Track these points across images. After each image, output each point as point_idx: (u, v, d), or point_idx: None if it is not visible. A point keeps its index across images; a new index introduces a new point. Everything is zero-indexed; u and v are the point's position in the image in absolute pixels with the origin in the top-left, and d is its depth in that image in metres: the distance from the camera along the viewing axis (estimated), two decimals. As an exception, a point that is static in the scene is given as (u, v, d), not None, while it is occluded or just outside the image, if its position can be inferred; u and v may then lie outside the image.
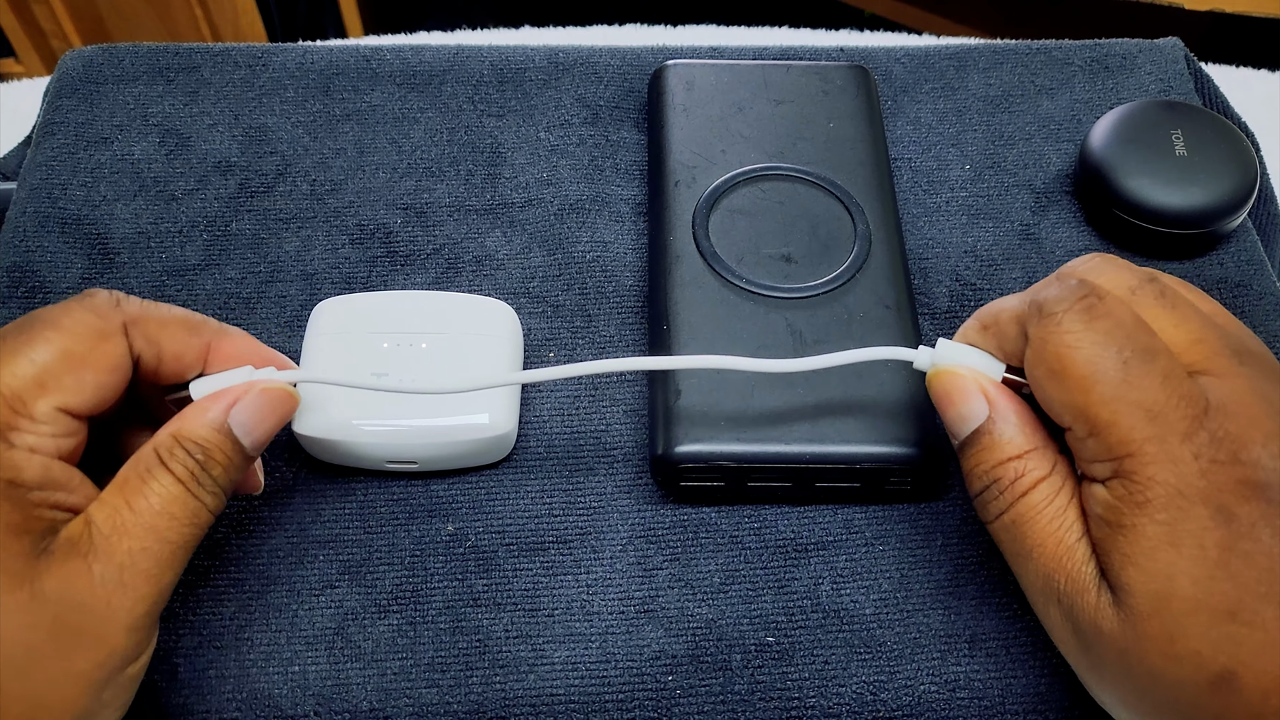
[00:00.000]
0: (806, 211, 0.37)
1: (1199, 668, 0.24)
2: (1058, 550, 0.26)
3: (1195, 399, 0.25)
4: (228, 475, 0.28)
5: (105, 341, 0.28)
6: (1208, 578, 0.24)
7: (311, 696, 0.31)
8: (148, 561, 0.26)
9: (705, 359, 0.31)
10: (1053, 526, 0.26)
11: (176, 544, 0.27)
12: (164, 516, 0.26)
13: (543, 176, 0.42)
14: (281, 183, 0.41)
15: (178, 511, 0.27)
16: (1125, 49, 0.46)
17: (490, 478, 0.35)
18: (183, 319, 0.30)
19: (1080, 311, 0.26)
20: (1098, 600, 0.25)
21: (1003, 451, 0.27)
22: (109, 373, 0.28)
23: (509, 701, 0.31)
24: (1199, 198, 0.39)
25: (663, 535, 0.33)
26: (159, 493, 0.27)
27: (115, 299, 0.29)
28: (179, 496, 0.27)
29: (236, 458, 0.28)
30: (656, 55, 0.46)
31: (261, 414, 0.29)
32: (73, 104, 0.43)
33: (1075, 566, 0.26)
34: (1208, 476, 0.24)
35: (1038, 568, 0.26)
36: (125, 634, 0.26)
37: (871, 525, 0.34)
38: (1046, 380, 0.26)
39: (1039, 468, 0.27)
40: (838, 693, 0.31)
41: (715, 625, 0.32)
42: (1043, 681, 0.31)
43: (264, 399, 0.29)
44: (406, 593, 0.32)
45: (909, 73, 0.45)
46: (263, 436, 0.29)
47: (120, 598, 0.25)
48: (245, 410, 0.29)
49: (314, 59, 0.45)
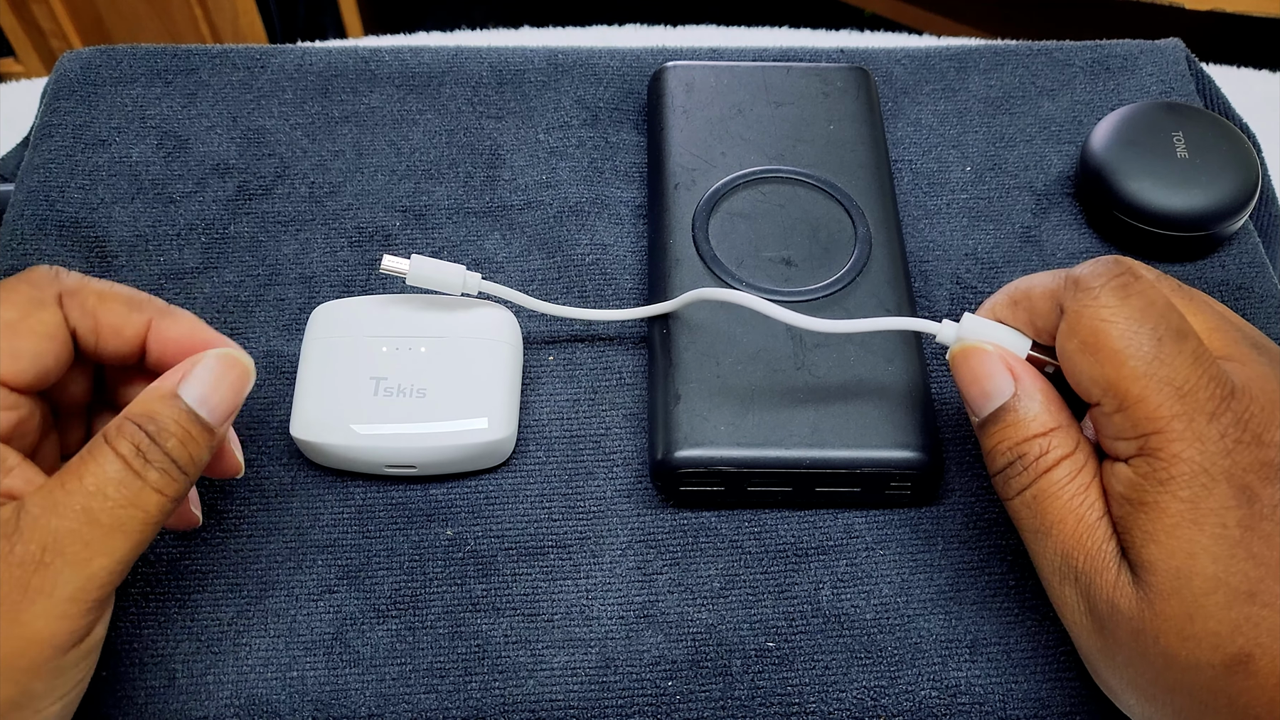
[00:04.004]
0: (807, 214, 0.37)
1: (1215, 648, 0.24)
2: (1078, 528, 0.26)
3: (1223, 381, 0.25)
4: (185, 450, 0.27)
5: (40, 310, 0.27)
6: (1228, 556, 0.24)
7: (310, 702, 0.30)
8: (74, 544, 0.25)
9: (735, 294, 0.32)
10: (1074, 504, 0.26)
11: (109, 526, 0.25)
12: (97, 497, 0.25)
13: (542, 179, 0.42)
14: (280, 185, 0.41)
15: (112, 492, 0.25)
16: (1126, 50, 0.46)
17: (489, 482, 0.34)
18: (125, 295, 0.29)
19: (1117, 288, 0.26)
20: (1117, 578, 0.25)
21: (1027, 428, 0.27)
22: (43, 340, 0.27)
23: (508, 707, 0.31)
24: (1200, 200, 0.38)
25: (662, 540, 0.33)
26: (95, 472, 0.26)
27: (55, 272, 0.29)
28: (116, 476, 0.26)
29: (194, 429, 0.27)
30: (656, 56, 0.45)
31: (215, 382, 0.28)
32: (70, 106, 0.43)
33: (1095, 544, 0.26)
34: (1232, 456, 0.24)
35: (1056, 545, 0.27)
36: (47, 619, 0.25)
37: (872, 530, 0.34)
38: (1078, 353, 0.26)
39: (1063, 446, 0.27)
40: (838, 698, 0.31)
41: (715, 630, 0.32)
42: (1044, 687, 0.31)
43: (215, 365, 0.28)
44: (405, 597, 0.32)
45: (909, 74, 0.45)
46: (221, 406, 0.28)
47: (40, 580, 0.24)
48: (197, 380, 0.27)
49: (312, 61, 0.45)
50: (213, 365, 0.28)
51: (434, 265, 0.34)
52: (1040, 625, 0.32)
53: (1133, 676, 0.26)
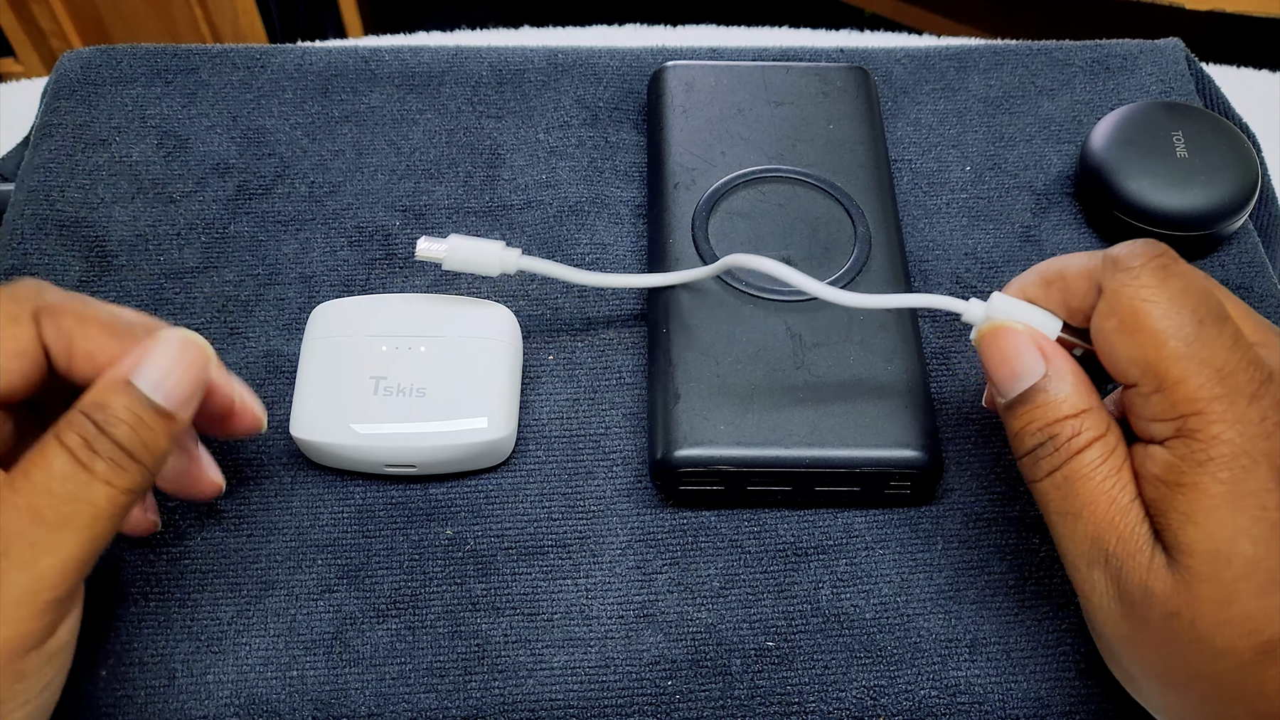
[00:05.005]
0: (806, 214, 0.37)
1: (1250, 633, 0.24)
2: (1110, 510, 0.26)
3: (1261, 365, 0.25)
4: (137, 436, 0.26)
5: (13, 325, 0.27)
6: (1267, 540, 0.24)
7: (309, 701, 0.30)
8: (19, 544, 0.24)
9: (771, 264, 0.32)
10: (1105, 486, 0.26)
11: (55, 523, 0.24)
12: (43, 494, 0.24)
13: (542, 178, 0.42)
14: (280, 185, 0.41)
15: (57, 487, 0.25)
16: (1126, 49, 0.46)
17: (489, 481, 0.34)
18: (106, 320, 0.28)
19: (1157, 268, 0.26)
20: (1151, 561, 0.25)
21: (1058, 410, 0.27)
22: (13, 357, 0.27)
23: (507, 706, 0.31)
24: (1200, 199, 0.38)
25: (662, 539, 0.33)
26: (41, 467, 0.25)
27: (39, 287, 0.28)
28: (62, 470, 0.25)
29: (147, 415, 0.26)
30: (656, 56, 0.45)
31: (170, 365, 0.27)
32: (70, 105, 0.43)
33: (1129, 527, 0.26)
34: (1272, 439, 0.24)
35: (1086, 528, 0.26)
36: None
37: (871, 529, 0.34)
38: (1117, 333, 0.26)
39: (1095, 427, 0.27)
40: (838, 698, 0.31)
41: (715, 630, 0.32)
42: (1043, 686, 0.31)
43: (170, 348, 0.27)
44: (405, 597, 0.32)
45: (909, 74, 0.45)
46: (178, 389, 0.27)
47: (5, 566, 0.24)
48: (151, 364, 0.26)
49: (312, 60, 0.45)
50: (168, 348, 0.27)
51: (471, 245, 0.34)
52: (1039, 624, 0.32)
53: (1157, 662, 0.26)
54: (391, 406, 0.33)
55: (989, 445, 0.35)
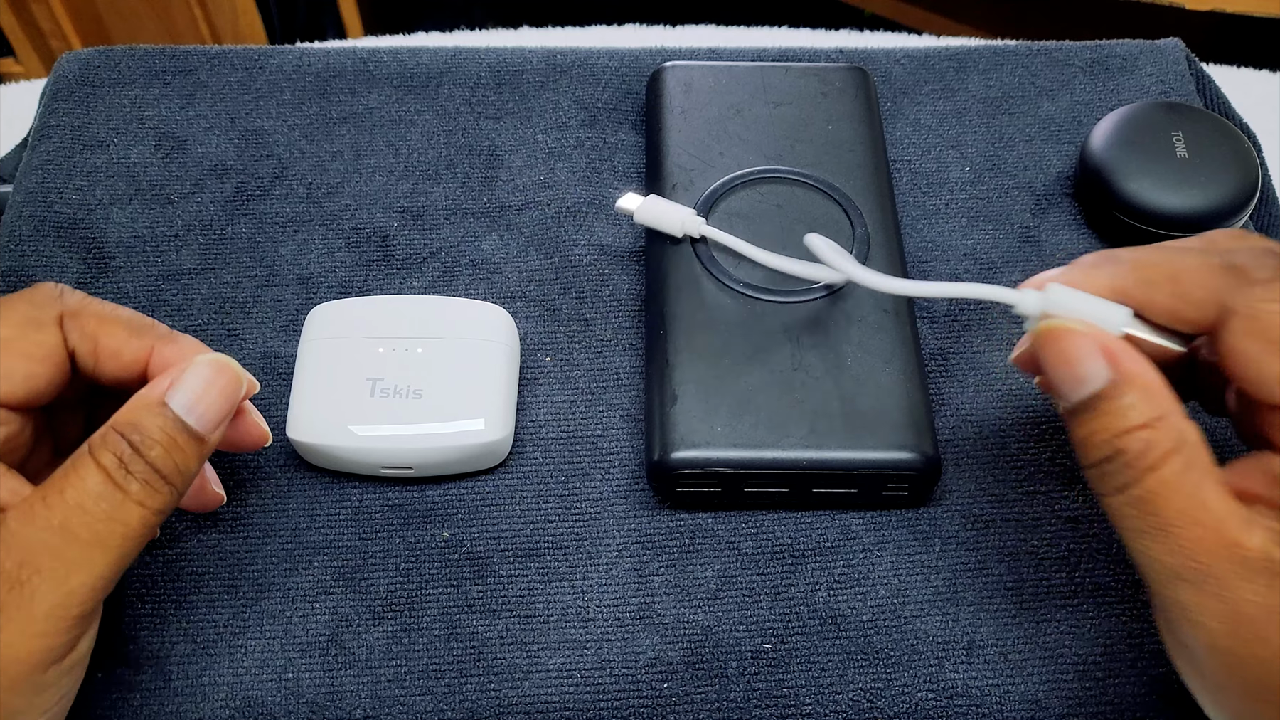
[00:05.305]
0: (805, 214, 0.37)
1: None
2: (1202, 527, 0.24)
3: None
4: (171, 459, 0.26)
5: (38, 331, 0.27)
6: None
7: (305, 704, 0.30)
8: (52, 560, 0.24)
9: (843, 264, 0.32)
10: (1192, 502, 0.24)
11: (88, 541, 0.25)
12: (76, 511, 0.24)
13: (540, 179, 0.41)
14: (278, 186, 0.41)
15: (91, 506, 0.25)
16: (1126, 50, 0.46)
17: (486, 483, 0.34)
18: (127, 319, 0.29)
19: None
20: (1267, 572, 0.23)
21: (1126, 420, 0.24)
22: (39, 362, 0.27)
23: (503, 709, 0.30)
24: (1200, 200, 0.38)
25: (659, 541, 0.33)
26: (75, 485, 0.25)
27: (58, 291, 0.28)
28: (96, 489, 0.25)
29: (180, 437, 0.26)
30: (655, 57, 0.45)
31: (204, 388, 0.27)
32: (69, 107, 0.43)
33: (1228, 538, 0.23)
34: None
35: (1173, 546, 0.24)
36: (24, 638, 0.24)
37: (869, 531, 0.33)
38: (1267, 354, 0.24)
39: (1170, 438, 0.24)
40: (834, 700, 0.31)
41: (711, 632, 0.32)
42: (1041, 688, 0.31)
43: (205, 371, 0.27)
44: (401, 599, 0.32)
45: (908, 74, 0.45)
46: (210, 413, 0.27)
47: (16, 597, 0.24)
48: (186, 387, 0.27)
49: (311, 61, 0.45)
50: (202, 371, 0.27)
51: (662, 205, 0.36)
52: (1037, 626, 0.32)
53: (1258, 678, 0.24)
54: (388, 408, 0.33)
55: (987, 447, 0.35)
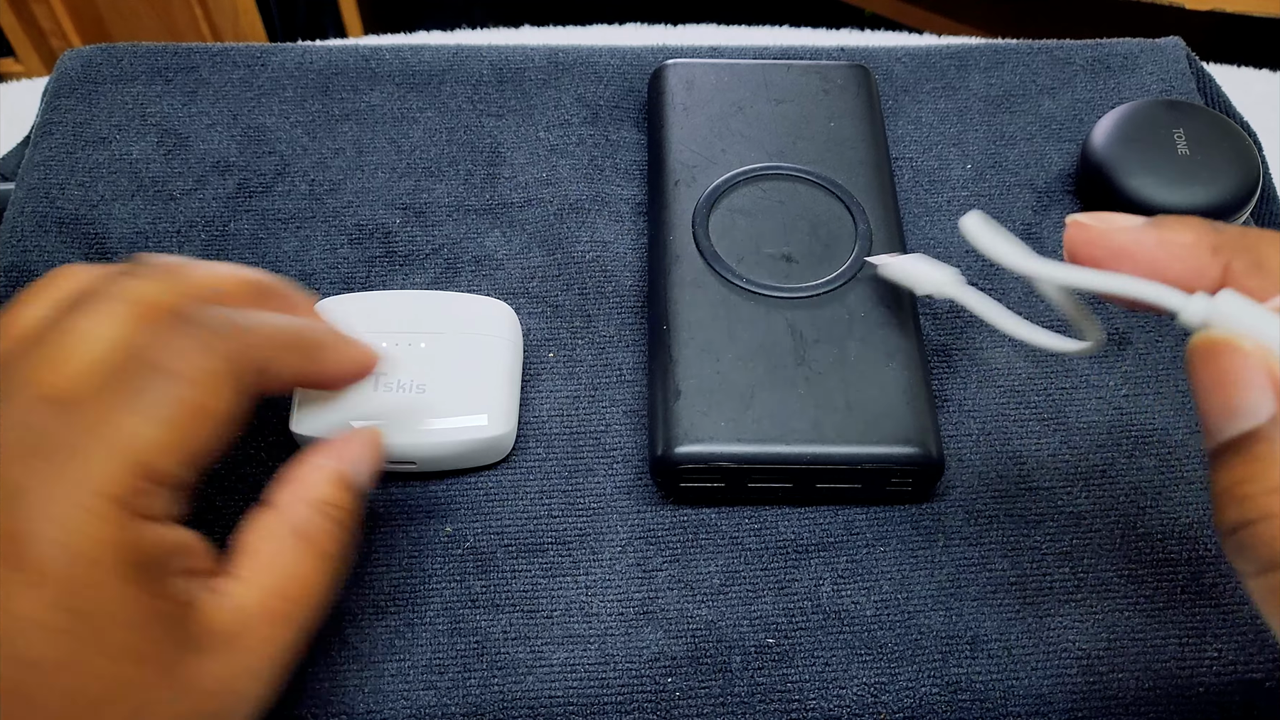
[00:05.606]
0: (807, 211, 0.37)
1: None
2: None
3: None
4: (350, 522, 0.28)
5: (223, 385, 0.24)
6: None
7: (308, 698, 0.30)
8: (280, 650, 0.25)
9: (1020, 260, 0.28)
10: None
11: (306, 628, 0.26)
12: (300, 604, 0.26)
13: (542, 176, 0.42)
14: (280, 183, 0.41)
15: (315, 593, 0.26)
16: (1127, 48, 0.46)
17: (489, 478, 0.34)
18: (293, 339, 0.27)
19: None
20: None
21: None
22: (231, 423, 0.24)
23: (507, 703, 0.30)
24: (1201, 197, 0.38)
25: (662, 536, 0.33)
26: (299, 574, 0.26)
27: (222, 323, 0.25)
28: (316, 575, 0.26)
29: (356, 505, 0.28)
30: (656, 55, 0.45)
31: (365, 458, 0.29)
32: (71, 104, 0.43)
33: None
34: None
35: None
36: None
37: (872, 526, 0.34)
38: None
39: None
40: (838, 695, 0.31)
41: (715, 627, 0.32)
42: (1045, 683, 0.31)
43: (363, 441, 0.29)
44: (404, 594, 0.32)
45: (910, 72, 0.45)
46: (369, 475, 0.29)
47: (251, 686, 0.25)
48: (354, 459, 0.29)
49: (313, 59, 0.45)
50: (362, 441, 0.29)
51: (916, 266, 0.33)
52: (1041, 621, 0.32)
53: None
54: (392, 403, 0.33)
55: (990, 443, 0.35)
